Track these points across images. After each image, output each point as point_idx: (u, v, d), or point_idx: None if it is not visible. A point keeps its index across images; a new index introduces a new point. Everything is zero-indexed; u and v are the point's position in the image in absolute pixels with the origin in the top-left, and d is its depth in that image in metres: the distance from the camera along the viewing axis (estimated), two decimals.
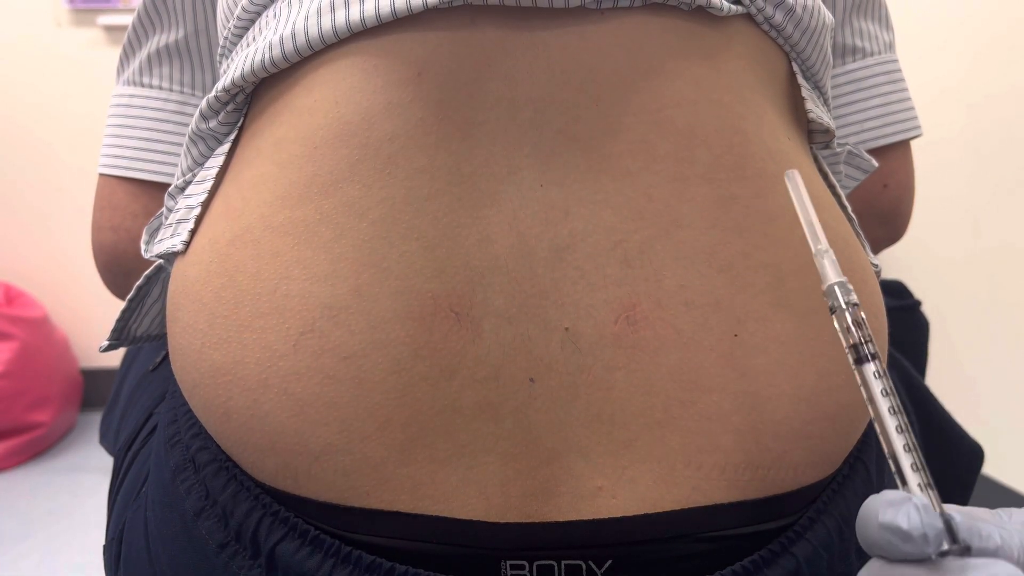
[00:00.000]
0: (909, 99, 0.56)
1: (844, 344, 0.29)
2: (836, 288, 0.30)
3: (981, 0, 1.27)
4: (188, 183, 0.43)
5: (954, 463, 0.57)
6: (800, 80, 0.41)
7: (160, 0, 0.52)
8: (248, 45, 0.41)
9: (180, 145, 0.52)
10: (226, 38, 0.44)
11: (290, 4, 0.39)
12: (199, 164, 0.44)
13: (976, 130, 1.29)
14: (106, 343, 0.49)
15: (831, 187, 0.41)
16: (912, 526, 0.24)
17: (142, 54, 0.53)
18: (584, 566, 0.32)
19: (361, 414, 0.32)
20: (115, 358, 1.90)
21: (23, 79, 1.93)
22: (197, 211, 0.39)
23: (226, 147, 0.41)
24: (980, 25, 1.28)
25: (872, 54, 0.54)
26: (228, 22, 0.43)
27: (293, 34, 0.36)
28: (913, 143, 0.58)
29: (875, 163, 0.51)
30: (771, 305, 0.33)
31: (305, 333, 0.32)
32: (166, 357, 0.60)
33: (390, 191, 0.34)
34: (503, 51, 0.35)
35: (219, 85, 0.40)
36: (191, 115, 0.53)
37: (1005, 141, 1.24)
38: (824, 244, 0.31)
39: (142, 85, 0.53)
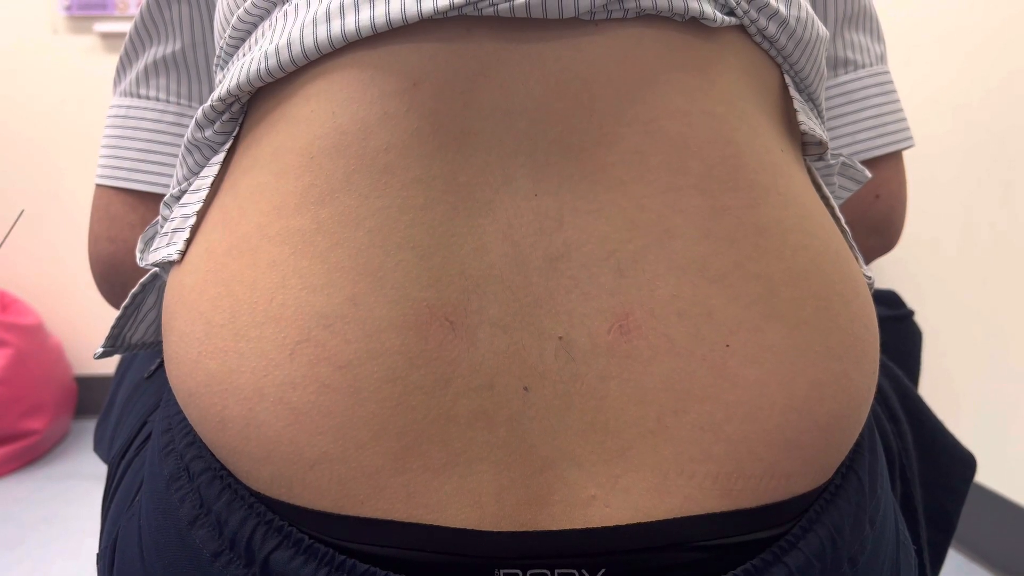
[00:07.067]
0: (901, 110, 0.56)
1: None
2: None
3: (969, 3, 1.28)
4: (184, 192, 0.43)
5: (946, 472, 0.57)
6: (792, 92, 0.41)
7: (157, 12, 0.53)
8: (244, 55, 0.41)
9: (177, 156, 0.53)
10: (222, 48, 0.44)
11: (286, 14, 0.39)
12: (195, 173, 0.44)
13: (967, 137, 1.30)
14: (100, 350, 0.49)
15: (825, 199, 0.42)
16: None
17: (139, 65, 0.54)
18: (577, 574, 0.32)
19: (356, 423, 0.32)
20: (109, 365, 1.89)
21: (19, 85, 1.93)
22: (192, 220, 0.39)
23: (221, 156, 0.41)
24: (969, 28, 1.29)
25: (864, 66, 0.55)
26: (224, 32, 0.44)
27: (289, 44, 0.37)
28: (904, 152, 0.59)
29: (869, 174, 0.51)
30: (763, 316, 0.34)
31: (301, 342, 0.32)
32: (161, 364, 0.60)
33: (386, 201, 0.34)
34: (498, 62, 0.35)
35: (215, 94, 0.40)
36: (188, 127, 0.53)
37: (996, 147, 1.25)
38: None
39: (139, 96, 0.54)
